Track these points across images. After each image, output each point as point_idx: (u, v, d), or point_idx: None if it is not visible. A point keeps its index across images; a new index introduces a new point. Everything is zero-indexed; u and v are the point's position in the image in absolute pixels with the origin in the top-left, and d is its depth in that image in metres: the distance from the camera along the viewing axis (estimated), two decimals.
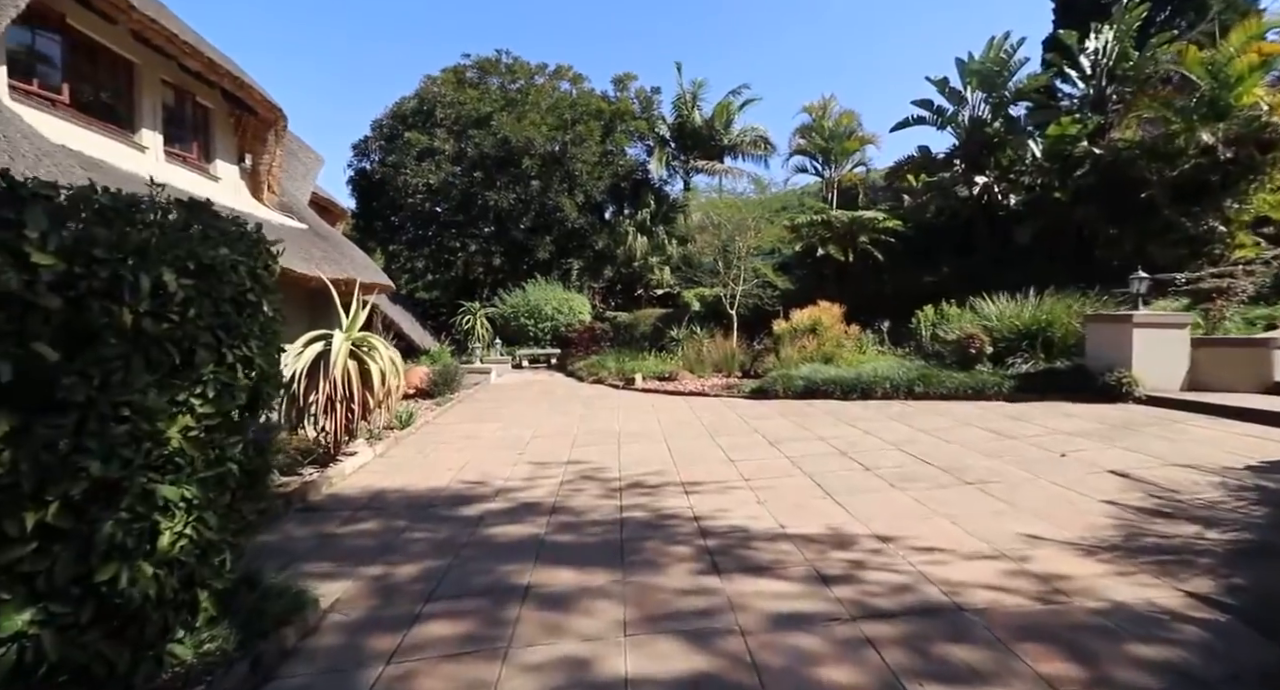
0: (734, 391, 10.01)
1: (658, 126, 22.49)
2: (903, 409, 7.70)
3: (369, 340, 6.29)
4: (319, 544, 4.08)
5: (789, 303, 14.98)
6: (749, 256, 14.99)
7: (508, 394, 11.47)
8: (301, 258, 9.13)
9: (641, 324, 17.63)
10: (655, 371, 12.50)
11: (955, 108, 15.67)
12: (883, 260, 17.20)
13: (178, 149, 8.62)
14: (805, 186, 21.71)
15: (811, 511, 4.20)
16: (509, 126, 19.35)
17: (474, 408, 9.98)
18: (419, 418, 8.60)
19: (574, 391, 11.63)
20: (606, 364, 13.44)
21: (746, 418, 7.88)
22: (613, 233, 22.11)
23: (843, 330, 12.22)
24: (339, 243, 11.14)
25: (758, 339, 13.74)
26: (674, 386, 11.22)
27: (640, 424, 7.88)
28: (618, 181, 22.05)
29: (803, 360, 11.28)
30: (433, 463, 6.24)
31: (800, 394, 9.01)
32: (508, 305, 18.27)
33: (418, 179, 19.82)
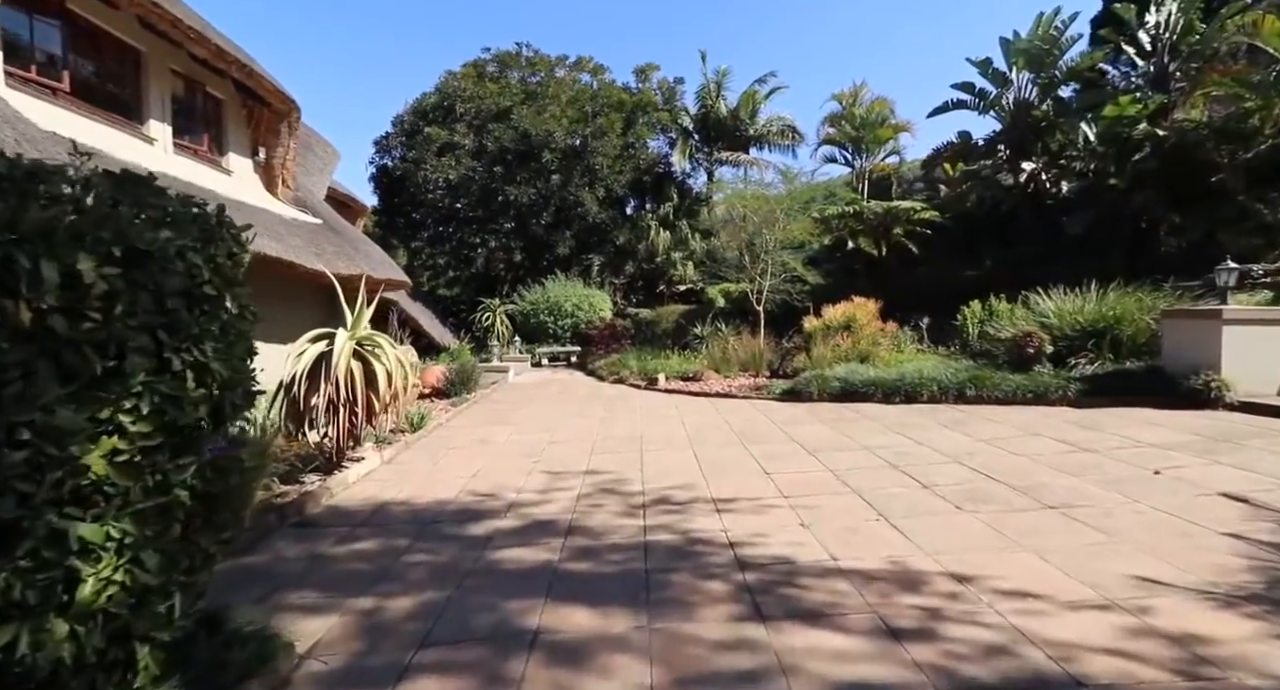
0: (763, 393, 9.41)
1: (680, 118, 21.86)
2: (954, 415, 7.02)
3: (375, 339, 5.89)
4: (309, 567, 3.66)
5: (819, 298, 14.28)
6: (777, 250, 14.32)
7: (526, 394, 11.06)
8: (312, 253, 8.82)
9: (664, 321, 17.09)
10: (679, 371, 11.96)
11: (999, 90, 14.72)
12: (917, 253, 16.35)
13: (187, 141, 8.37)
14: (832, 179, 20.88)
15: (866, 538, 3.63)
16: (529, 120, 18.95)
17: (490, 409, 9.57)
18: (432, 420, 8.22)
19: (594, 392, 11.16)
20: (628, 363, 12.95)
21: (780, 423, 7.29)
22: (634, 228, 21.59)
23: (878, 327, 11.51)
24: (354, 238, 10.85)
25: (787, 336, 13.09)
26: (699, 387, 10.67)
27: (664, 428, 7.35)
28: (639, 175, 21.51)
29: (836, 359, 10.62)
30: (442, 471, 5.82)
31: (837, 397, 8.38)
32: (527, 302, 17.90)
33: (437, 174, 19.58)
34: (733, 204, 14.16)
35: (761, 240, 13.98)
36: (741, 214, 14.04)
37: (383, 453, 6.36)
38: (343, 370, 5.37)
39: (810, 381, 8.67)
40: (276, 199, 10.20)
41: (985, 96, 14.88)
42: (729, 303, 16.49)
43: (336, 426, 5.38)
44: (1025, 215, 14.50)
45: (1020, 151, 14.30)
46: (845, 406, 8.05)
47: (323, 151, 12.41)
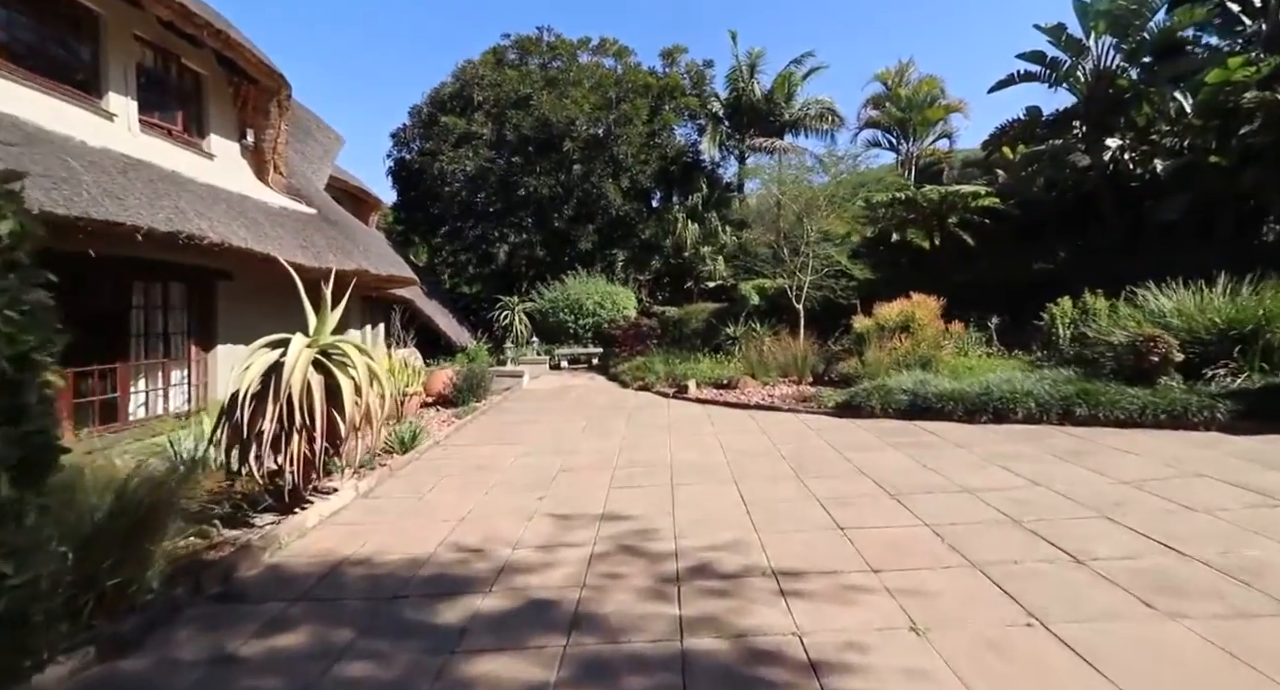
0: (812, 405, 8.08)
1: (710, 103, 20.50)
2: (1066, 441, 5.61)
3: (341, 346, 4.78)
4: (200, 685, 2.54)
5: (867, 295, 12.85)
6: (818, 242, 12.92)
7: (540, 403, 9.92)
8: (297, 246, 7.83)
9: (693, 320, 15.81)
10: (711, 376, 10.69)
11: (1073, 59, 13.00)
12: (973, 245, 14.71)
13: (158, 119, 7.43)
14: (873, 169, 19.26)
15: (1027, 667, 2.34)
16: (548, 105, 17.84)
17: (498, 422, 8.47)
18: (428, 436, 7.15)
19: (616, 401, 9.97)
20: (654, 367, 11.73)
21: (840, 446, 5.98)
22: (660, 220, 20.34)
23: (940, 328, 10.04)
24: (352, 231, 9.88)
25: (832, 338, 11.71)
26: (735, 396, 9.39)
27: (699, 452, 6.11)
28: (666, 165, 20.23)
29: (893, 365, 9.22)
30: (426, 510, 4.69)
31: (905, 413, 7.02)
32: (546, 299, 16.83)
33: (454, 166, 18.63)
34: (769, 191, 12.78)
35: (802, 231, 12.60)
36: (779, 202, 12.67)
37: (361, 483, 5.28)
38: (297, 386, 4.28)
39: (870, 393, 7.31)
40: (267, 186, 9.27)
41: (1057, 67, 13.18)
42: (764, 300, 15.13)
43: (290, 456, 4.29)
44: (1105, 200, 12.78)
45: (1100, 127, 12.59)
46: (917, 426, 6.68)
47: (324, 137, 11.50)
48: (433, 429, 8.03)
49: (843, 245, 13.37)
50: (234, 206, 7.35)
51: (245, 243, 6.44)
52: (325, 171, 11.20)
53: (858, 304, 12.72)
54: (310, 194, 9.90)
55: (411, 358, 10.00)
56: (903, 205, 14.49)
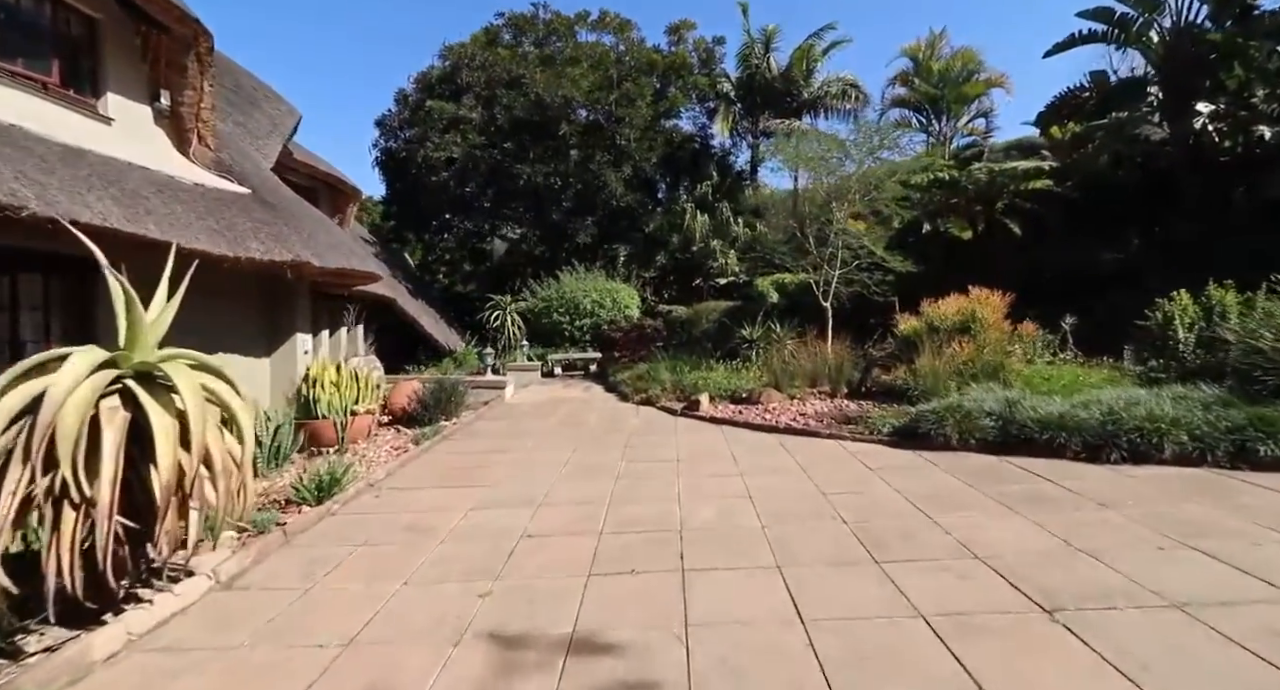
0: (859, 429, 6.33)
1: (720, 84, 18.77)
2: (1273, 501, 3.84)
3: (165, 369, 3.07)
4: None
5: (908, 291, 11.08)
6: (846, 231, 11.16)
7: (520, 424, 8.22)
8: (208, 228, 6.19)
9: (703, 320, 14.09)
10: (727, 388, 8.97)
11: (1146, 15, 11.17)
12: (1019, 234, 12.89)
13: (22, 67, 5.81)
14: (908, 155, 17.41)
15: None
16: (542, 84, 16.17)
17: (462, 450, 6.78)
18: (365, 473, 5.48)
19: (613, 419, 8.25)
20: (659, 375, 10.01)
21: (920, 499, 4.24)
22: (667, 212, 18.64)
23: (1006, 329, 8.27)
24: (296, 216, 8.24)
25: (870, 340, 9.97)
26: (758, 414, 7.66)
27: (719, 506, 4.39)
28: (673, 150, 18.53)
29: (952, 375, 7.48)
30: (300, 622, 3.01)
31: (992, 445, 5.26)
32: (539, 298, 15.16)
33: (439, 153, 17.00)
34: (792, 169, 11.03)
35: (830, 216, 10.86)
36: (808, 181, 10.93)
37: (233, 558, 3.60)
38: (69, 433, 2.60)
39: (942, 416, 5.56)
40: (190, 160, 7.65)
41: (1127, 25, 11.34)
42: (784, 298, 13.39)
43: (59, 545, 2.61)
44: (1186, 178, 10.92)
45: (1181, 92, 10.75)
46: (1016, 466, 4.92)
47: (274, 109, 9.90)
48: (380, 458, 6.38)
49: (876, 234, 11.56)
50: (125, 177, 5.74)
51: (104, 220, 4.79)
52: (275, 147, 9.60)
53: (896, 301, 10.95)
54: (247, 172, 8.27)
55: (366, 368, 8.35)
56: (943, 188, 12.70)
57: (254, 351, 8.14)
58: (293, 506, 4.65)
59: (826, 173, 10.96)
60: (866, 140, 10.78)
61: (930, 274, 11.65)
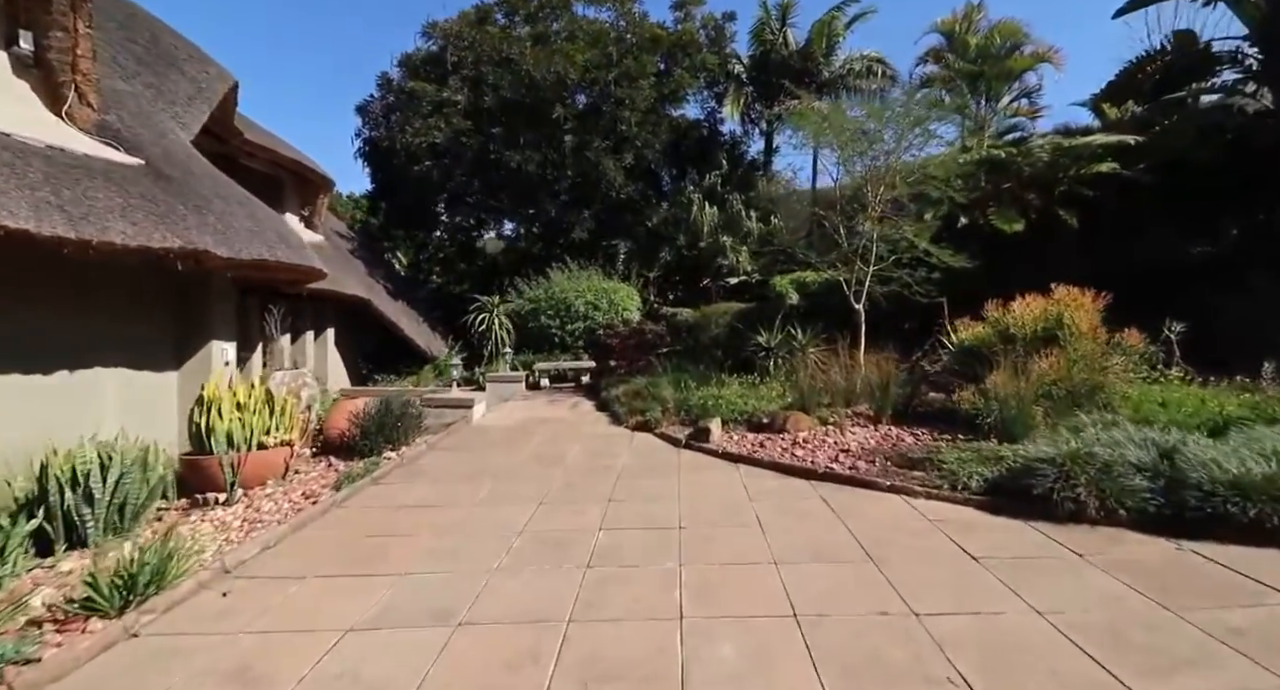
0: (932, 480, 4.57)
1: (731, 64, 17.04)
2: None
3: None
4: None
5: (956, 290, 9.32)
6: (884, 217, 9.40)
7: (480, 459, 6.48)
8: (40, 202, 4.54)
9: (711, 324, 12.36)
10: (743, 410, 7.24)
11: None
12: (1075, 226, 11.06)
13: None
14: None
15: None
16: (533, 60, 14.51)
17: (388, 502, 5.05)
18: (221, 551, 3.78)
19: (600, 453, 6.50)
20: (660, 391, 8.28)
21: (1085, 637, 2.49)
22: (672, 204, 16.92)
23: (1101, 338, 6.48)
24: (203, 196, 6.57)
25: (919, 351, 8.21)
26: (786, 447, 5.92)
27: (747, 642, 2.65)
28: (678, 137, 16.82)
29: (1040, 397, 5.73)
30: None
31: (1157, 520, 3.50)
32: (525, 298, 13.47)
33: (419, 138, 15.37)
34: (819, 137, 9.25)
35: (866, 202, 9.12)
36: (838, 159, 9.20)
37: None
38: None
39: (1067, 471, 3.78)
40: (64, 121, 6.02)
41: None
42: (805, 299, 11.64)
43: None
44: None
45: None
46: (1212, 558, 3.16)
47: (198, 72, 8.27)
48: (276, 513, 4.69)
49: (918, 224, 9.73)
50: None
51: None
52: (198, 115, 7.96)
53: (944, 303, 9.18)
54: (144, 141, 6.62)
55: (295, 385, 6.68)
56: (992, 172, 10.90)
57: (151, 364, 6.50)
58: (75, 621, 2.97)
59: (858, 152, 9.19)
60: (910, 111, 9.00)
61: (975, 273, 9.85)
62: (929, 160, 9.19)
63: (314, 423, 6.95)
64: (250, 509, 4.93)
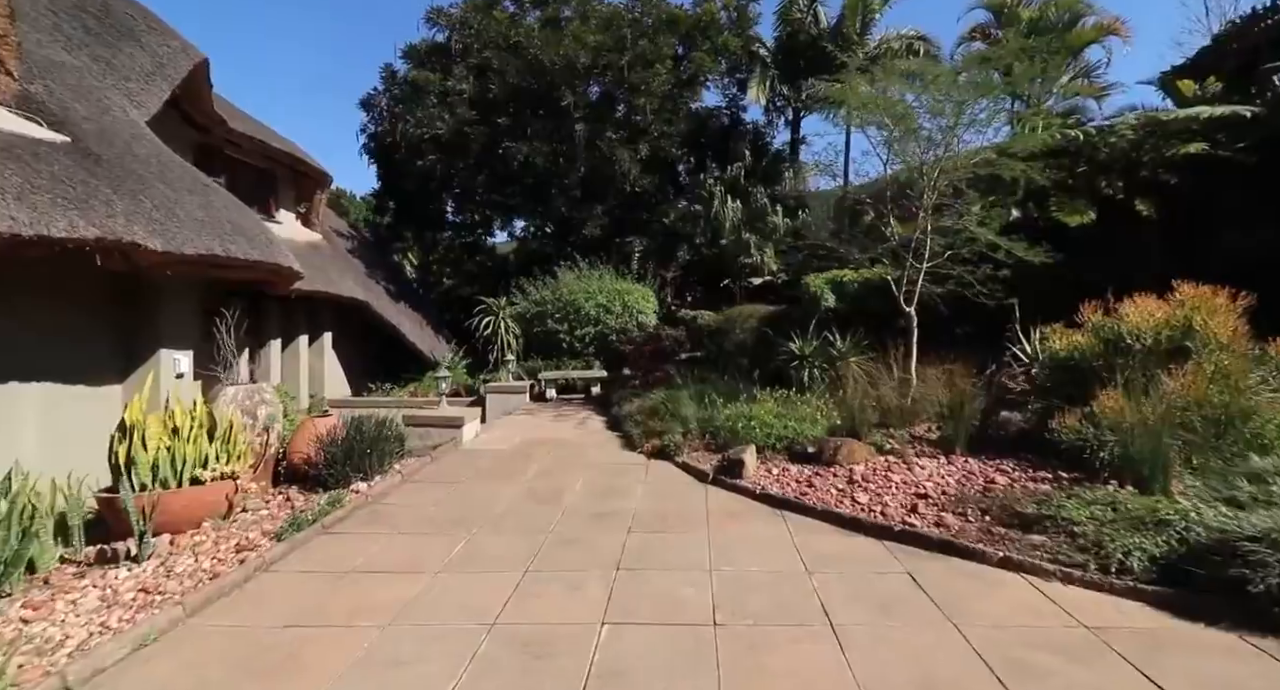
0: (1065, 551, 3.32)
1: (755, 47, 15.81)
2: None
3: None
4: None
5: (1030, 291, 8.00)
6: (942, 205, 8.11)
7: (462, 497, 5.31)
8: None
9: (736, 329, 11.12)
10: (780, 433, 6.01)
11: None
12: (1154, 217, 9.61)
13: None
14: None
15: None
16: (541, 42, 13.44)
17: (334, 565, 3.88)
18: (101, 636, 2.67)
19: (608, 491, 5.30)
20: (680, 407, 7.08)
21: None
22: (691, 199, 15.75)
23: (1243, 348, 5.13)
24: (142, 176, 5.55)
25: (995, 364, 6.92)
26: (841, 487, 4.68)
27: None
28: (697, 126, 15.63)
29: (1176, 428, 4.43)
30: None
31: None
32: (531, 301, 12.38)
33: (420, 130, 14.40)
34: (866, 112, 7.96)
35: (921, 184, 7.85)
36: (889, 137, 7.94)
37: None
38: None
39: None
40: None
41: None
42: (842, 301, 10.36)
43: None
44: None
45: None
46: None
47: (159, 45, 7.31)
48: (189, 576, 3.60)
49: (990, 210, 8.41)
50: None
51: None
52: (156, 94, 6.99)
53: (1015, 305, 7.87)
54: (76, 116, 5.64)
55: (251, 402, 5.62)
56: (1055, 156, 9.50)
57: (86, 377, 5.51)
58: None
59: (911, 129, 7.90)
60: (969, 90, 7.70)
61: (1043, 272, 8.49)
62: (1010, 142, 7.89)
63: (275, 447, 5.90)
64: (162, 568, 3.85)
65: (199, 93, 8.40)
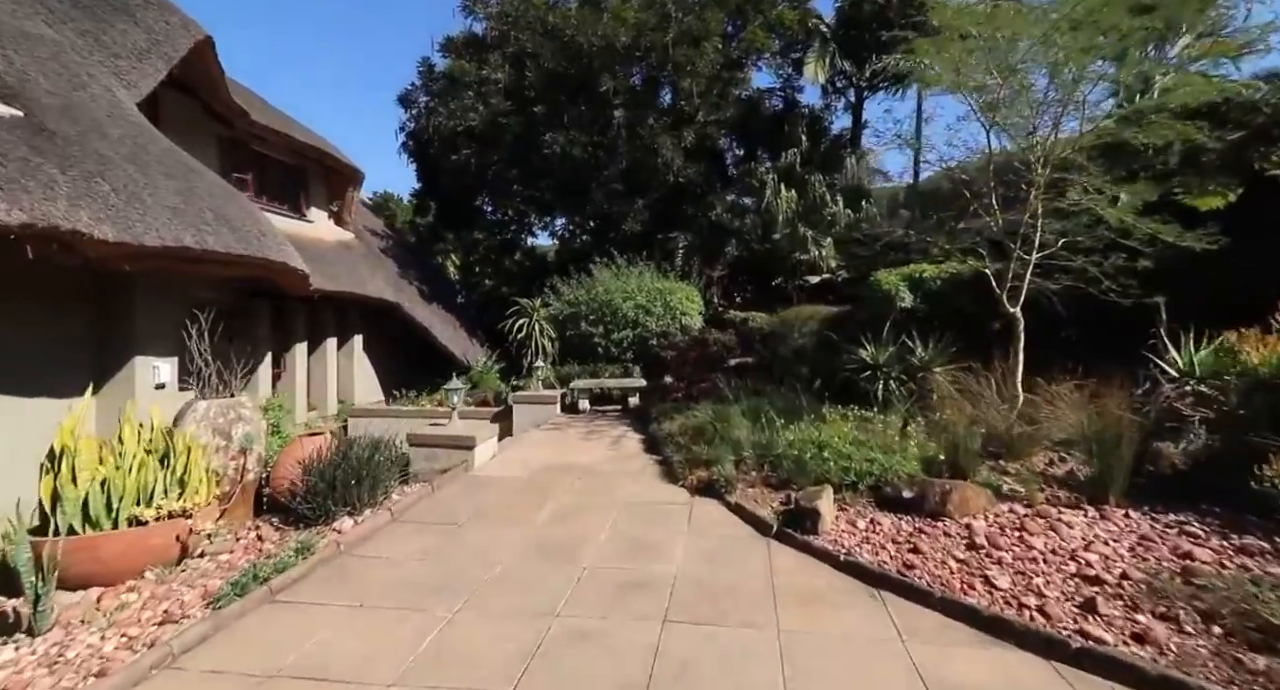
0: None
1: (812, 21, 14.34)
2: None
3: None
4: None
5: (1178, 287, 6.38)
6: (1062, 180, 6.56)
7: (458, 547, 4.21)
8: None
9: (794, 333, 9.77)
10: (862, 469, 4.69)
11: None
12: None
13: None
14: None
15: None
16: (577, 21, 12.45)
17: (275, 652, 2.88)
18: None
19: (641, 544, 4.09)
20: (732, 428, 5.84)
21: None
22: (741, 189, 14.43)
23: None
24: (100, 156, 4.80)
25: (1144, 378, 5.36)
26: (961, 561, 3.36)
27: None
28: (747, 110, 14.29)
29: None
30: None
31: None
32: (564, 301, 11.37)
33: (452, 122, 13.68)
34: (958, 85, 6.49)
35: (1037, 151, 6.35)
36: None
37: None
38: None
39: None
40: None
41: None
42: (923, 300, 8.85)
43: None
44: None
45: None
46: None
47: (156, 21, 6.66)
48: (83, 658, 2.68)
49: (1133, 183, 6.76)
50: None
51: None
52: (151, 73, 6.34)
53: (1161, 305, 6.25)
54: (40, 91, 4.95)
55: (219, 423, 4.77)
56: (1200, 120, 7.71)
57: (51, 389, 4.81)
58: None
59: (1021, 89, 6.40)
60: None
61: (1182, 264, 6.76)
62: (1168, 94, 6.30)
63: (256, 471, 5.04)
64: (55, 649, 2.96)
65: (207, 76, 7.78)
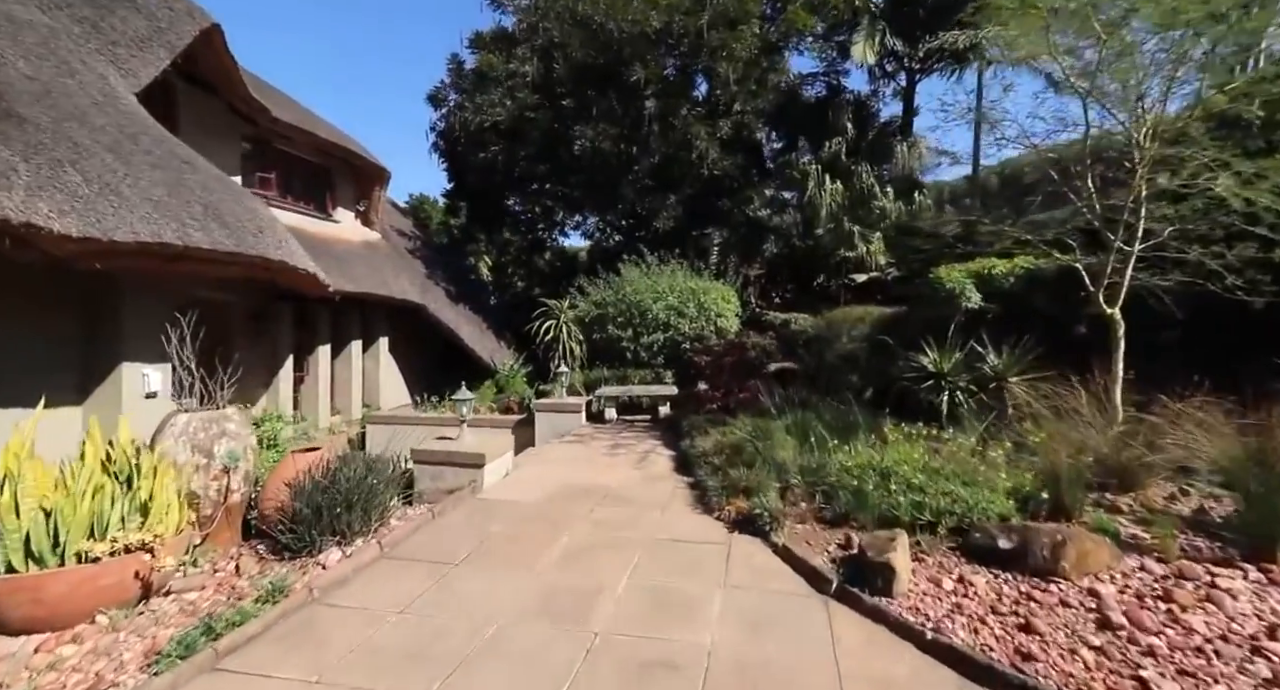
0: None
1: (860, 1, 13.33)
2: None
3: None
4: None
5: None
6: (1171, 155, 5.52)
7: (448, 594, 3.62)
8: None
9: (842, 337, 8.86)
10: (943, 505, 3.84)
11: None
12: None
13: None
14: None
15: None
16: (607, 7, 11.80)
17: None
18: None
19: (668, 599, 3.37)
20: (775, 449, 5.05)
21: None
22: (780, 183, 13.54)
23: None
24: (70, 141, 4.38)
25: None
26: (1088, 643, 2.51)
27: None
28: (788, 97, 13.39)
29: None
30: None
31: None
32: (590, 302, 10.73)
33: (479, 117, 13.25)
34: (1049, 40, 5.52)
35: (1142, 133, 5.35)
36: None
37: None
38: None
39: None
40: None
41: None
42: (993, 299, 7.82)
43: None
44: None
45: None
46: None
47: (157, 8, 6.29)
48: None
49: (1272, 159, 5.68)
50: None
51: None
52: (152, 61, 5.99)
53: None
54: (14, 76, 4.58)
55: (199, 439, 4.27)
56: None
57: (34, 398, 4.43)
58: None
59: (1118, 48, 5.41)
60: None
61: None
62: None
63: (243, 491, 4.54)
64: None
65: (219, 67, 7.44)
